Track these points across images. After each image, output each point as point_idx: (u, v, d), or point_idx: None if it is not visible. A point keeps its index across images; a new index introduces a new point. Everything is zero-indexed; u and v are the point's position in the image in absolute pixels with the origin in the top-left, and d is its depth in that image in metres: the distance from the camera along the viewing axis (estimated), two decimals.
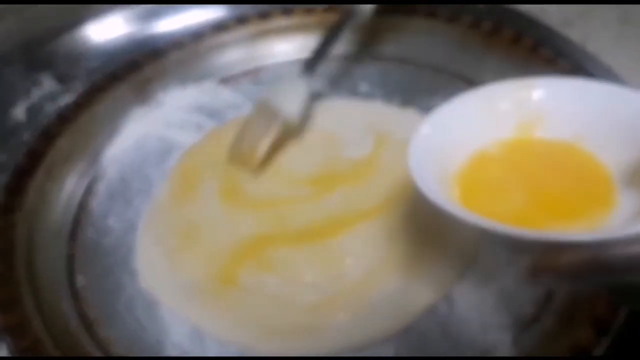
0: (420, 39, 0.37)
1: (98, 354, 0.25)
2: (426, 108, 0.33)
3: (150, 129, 0.35)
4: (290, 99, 0.31)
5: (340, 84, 0.37)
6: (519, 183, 0.22)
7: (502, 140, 0.23)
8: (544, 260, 0.16)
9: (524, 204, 0.21)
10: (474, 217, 0.18)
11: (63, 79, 0.39)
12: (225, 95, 0.37)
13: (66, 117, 0.34)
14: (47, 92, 0.38)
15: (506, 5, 0.39)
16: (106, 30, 0.41)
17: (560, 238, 0.17)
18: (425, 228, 0.27)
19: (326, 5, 0.39)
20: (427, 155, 0.21)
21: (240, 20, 0.39)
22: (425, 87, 0.35)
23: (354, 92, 0.36)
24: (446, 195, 0.20)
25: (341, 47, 0.37)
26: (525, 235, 0.17)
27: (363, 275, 0.26)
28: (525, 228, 0.17)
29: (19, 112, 0.37)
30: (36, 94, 0.38)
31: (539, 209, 0.21)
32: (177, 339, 0.25)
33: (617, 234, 0.17)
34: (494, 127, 0.23)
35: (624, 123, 0.21)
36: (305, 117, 0.32)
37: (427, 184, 0.20)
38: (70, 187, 0.32)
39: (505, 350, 0.24)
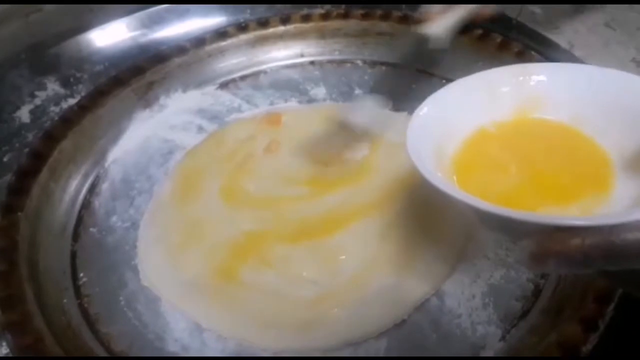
0: (412, 45, 0.38)
1: (99, 349, 0.26)
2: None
3: (153, 131, 0.36)
4: (362, 113, 0.33)
5: (337, 89, 0.38)
6: (516, 164, 0.21)
7: (500, 122, 0.23)
8: (550, 244, 0.16)
9: (520, 185, 0.21)
10: (472, 199, 0.17)
11: (67, 83, 0.40)
12: (225, 99, 0.38)
13: (70, 120, 0.35)
14: (51, 95, 0.39)
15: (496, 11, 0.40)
16: (110, 35, 0.42)
17: (567, 222, 0.16)
18: (417, 227, 0.28)
19: (323, 12, 0.40)
20: (424, 137, 0.21)
21: (240, 27, 0.40)
22: (417, 92, 0.35)
23: (349, 97, 0.37)
24: (443, 176, 0.20)
25: (338, 54, 0.38)
26: (529, 218, 0.16)
27: (358, 271, 0.27)
28: (524, 210, 0.16)
29: (24, 114, 0.38)
30: (41, 97, 0.39)
31: (535, 190, 0.20)
32: (177, 334, 0.26)
33: (626, 218, 0.16)
34: (492, 110, 0.23)
35: (624, 108, 0.21)
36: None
37: (425, 165, 0.19)
38: (73, 187, 0.33)
39: (494, 344, 0.24)
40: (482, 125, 0.23)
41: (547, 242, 0.16)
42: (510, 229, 0.18)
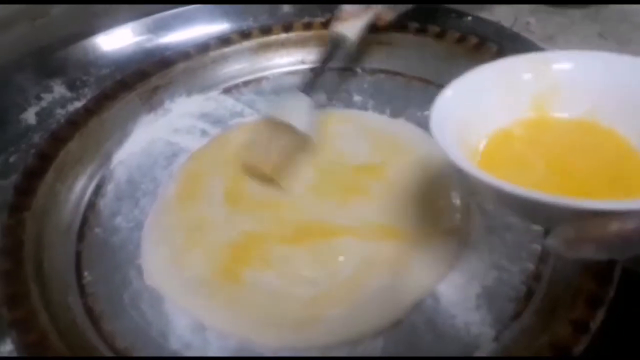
0: (410, 53, 0.39)
1: (103, 346, 0.26)
2: (415, 118, 0.35)
3: (158, 135, 0.37)
4: (298, 113, 0.32)
5: (336, 95, 0.38)
6: (542, 162, 0.21)
7: (521, 120, 0.22)
8: (588, 230, 0.15)
9: (548, 181, 0.20)
10: (507, 185, 0.17)
11: (73, 86, 0.40)
12: (229, 104, 0.39)
13: (76, 122, 0.35)
14: (57, 97, 0.40)
15: (491, 21, 0.41)
16: (116, 40, 0.43)
17: (606, 207, 0.15)
18: (413, 229, 0.29)
19: (324, 20, 0.41)
20: (447, 123, 0.20)
21: (244, 34, 0.41)
22: (414, 99, 0.36)
23: (348, 103, 0.38)
24: (472, 164, 0.19)
25: (336, 61, 0.38)
26: (568, 203, 0.16)
27: (356, 272, 0.27)
28: (558, 196, 0.16)
29: (30, 116, 0.39)
30: (47, 99, 0.39)
31: (564, 185, 0.20)
32: (179, 332, 0.26)
33: None
34: (514, 99, 0.23)
35: (633, 88, 0.21)
36: (314, 130, 0.33)
37: (453, 149, 0.19)
38: (79, 188, 0.33)
39: (487, 344, 0.25)
40: (504, 120, 0.22)
41: (585, 227, 0.16)
42: (543, 216, 0.18)
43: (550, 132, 0.22)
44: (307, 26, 0.41)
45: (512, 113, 0.23)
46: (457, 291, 0.27)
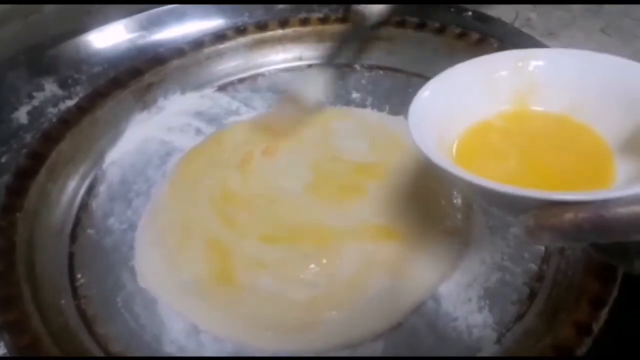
0: (409, 49, 0.38)
1: (96, 350, 0.26)
2: None
3: (151, 133, 0.36)
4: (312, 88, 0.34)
5: (334, 92, 0.38)
6: (516, 154, 0.22)
7: (499, 113, 0.23)
8: (546, 218, 0.17)
9: (520, 172, 0.21)
10: (471, 177, 0.18)
11: (65, 84, 0.40)
12: (223, 102, 0.38)
13: (68, 121, 0.35)
14: (49, 96, 0.39)
15: (492, 17, 0.41)
16: (108, 37, 0.42)
17: (561, 197, 0.17)
18: (413, 229, 0.28)
19: (321, 15, 0.40)
20: (425, 120, 0.21)
21: (239, 30, 0.40)
22: (414, 96, 0.36)
23: (347, 101, 0.37)
24: (443, 157, 0.20)
25: (336, 58, 0.38)
26: (525, 194, 0.17)
27: (355, 274, 0.27)
28: (522, 188, 0.17)
29: (22, 115, 0.38)
30: (39, 98, 0.39)
31: (535, 177, 0.21)
32: (174, 336, 0.26)
33: (617, 194, 0.16)
34: (491, 95, 0.23)
35: (619, 91, 0.21)
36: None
37: (426, 143, 0.20)
38: (71, 188, 0.33)
39: (490, 347, 0.24)
40: (481, 114, 0.23)
41: (543, 216, 0.17)
42: (510, 206, 0.19)
43: (526, 126, 0.23)
44: (304, 22, 0.40)
45: (489, 109, 0.23)
46: (459, 293, 0.26)
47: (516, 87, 0.23)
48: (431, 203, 0.30)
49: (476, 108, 0.23)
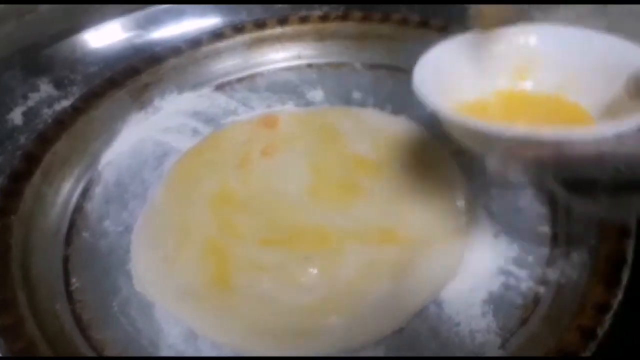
0: (412, 47, 0.38)
1: (93, 355, 0.26)
2: (417, 116, 0.34)
3: (147, 134, 0.36)
4: None
5: (334, 92, 0.37)
6: (505, 115, 0.24)
7: (497, 91, 0.25)
8: (513, 153, 0.19)
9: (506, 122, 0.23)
10: (464, 118, 0.20)
11: (61, 84, 0.39)
12: (221, 101, 0.38)
13: (63, 122, 0.34)
14: (44, 96, 0.39)
15: None
16: (104, 36, 0.42)
17: (521, 132, 0.19)
18: (416, 232, 0.28)
19: (321, 13, 0.40)
20: (430, 79, 0.23)
21: (237, 29, 0.40)
22: (415, 95, 0.36)
23: (347, 100, 0.37)
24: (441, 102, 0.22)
25: (335, 56, 0.38)
26: (503, 130, 0.19)
27: (355, 277, 0.27)
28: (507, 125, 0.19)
29: (16, 116, 0.38)
30: (34, 99, 0.39)
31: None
32: (171, 341, 0.26)
33: (576, 135, 0.19)
34: (491, 68, 0.25)
35: (601, 64, 0.23)
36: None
37: (428, 91, 0.22)
38: (66, 190, 0.33)
39: (493, 352, 0.24)
40: (479, 89, 0.25)
41: (510, 152, 0.20)
42: (488, 145, 0.21)
43: (519, 100, 0.25)
44: (304, 20, 0.40)
45: (485, 83, 0.25)
46: (462, 297, 0.26)
47: (515, 61, 0.25)
48: (434, 206, 0.29)
49: (473, 81, 0.25)
